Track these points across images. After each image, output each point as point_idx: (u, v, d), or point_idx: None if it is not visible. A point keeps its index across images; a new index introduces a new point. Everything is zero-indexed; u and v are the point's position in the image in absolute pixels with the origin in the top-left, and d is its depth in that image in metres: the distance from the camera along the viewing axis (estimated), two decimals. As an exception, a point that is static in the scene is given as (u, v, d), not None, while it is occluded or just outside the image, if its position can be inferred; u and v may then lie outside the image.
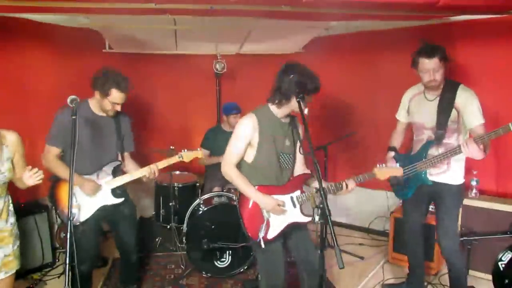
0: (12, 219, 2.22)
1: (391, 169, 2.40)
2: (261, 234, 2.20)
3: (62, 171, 2.52)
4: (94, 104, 2.64)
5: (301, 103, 2.09)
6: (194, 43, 4.42)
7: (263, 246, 2.20)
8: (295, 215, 2.29)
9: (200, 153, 2.89)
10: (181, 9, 2.75)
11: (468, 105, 2.48)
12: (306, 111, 2.29)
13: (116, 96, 2.53)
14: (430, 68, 2.47)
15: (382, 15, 3.03)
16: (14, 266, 2.19)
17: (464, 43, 3.43)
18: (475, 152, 2.30)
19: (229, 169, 2.25)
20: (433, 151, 2.64)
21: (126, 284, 3.08)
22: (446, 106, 2.56)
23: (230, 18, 3.22)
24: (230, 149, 2.26)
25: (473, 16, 3.16)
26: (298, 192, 2.31)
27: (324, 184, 2.25)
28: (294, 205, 2.30)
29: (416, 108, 2.76)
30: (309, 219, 2.28)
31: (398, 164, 2.67)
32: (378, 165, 2.36)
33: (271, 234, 2.24)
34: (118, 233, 2.90)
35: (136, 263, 3.04)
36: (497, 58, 3.28)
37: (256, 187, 2.24)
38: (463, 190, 2.76)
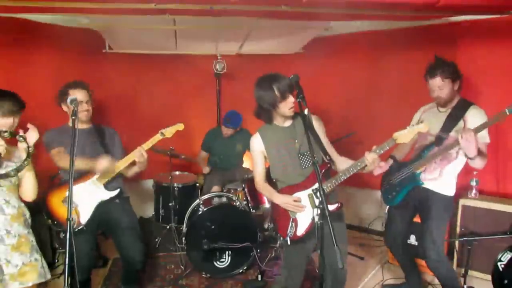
0: (29, 230, 2.26)
1: (414, 128, 2.18)
2: (289, 232, 2.32)
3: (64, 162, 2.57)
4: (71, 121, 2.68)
5: (302, 103, 2.10)
6: (194, 43, 4.42)
7: (289, 243, 2.33)
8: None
9: (181, 126, 2.85)
10: (181, 9, 2.75)
11: (476, 122, 2.44)
12: (306, 111, 2.30)
13: (75, 94, 2.57)
14: (434, 86, 2.57)
15: (382, 15, 3.03)
16: (31, 279, 2.14)
17: (464, 43, 3.43)
18: (471, 142, 2.26)
19: (257, 185, 2.47)
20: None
21: (127, 285, 3.08)
22: (455, 116, 2.60)
23: (230, 18, 3.22)
24: (254, 169, 2.49)
25: (473, 16, 3.16)
26: (317, 184, 2.27)
27: (346, 164, 2.28)
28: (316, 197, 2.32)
29: (427, 117, 2.77)
30: (335, 206, 2.28)
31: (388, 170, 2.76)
32: (396, 132, 2.21)
33: (300, 231, 2.32)
34: (121, 246, 2.83)
35: (140, 269, 3.02)
36: (497, 58, 3.28)
37: (280, 189, 2.40)
38: (451, 203, 2.72)
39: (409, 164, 2.76)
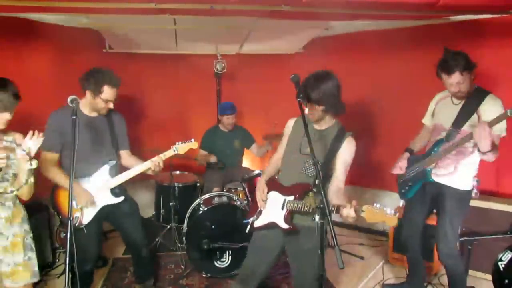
0: (26, 227, 2.20)
1: (383, 213, 1.83)
2: (252, 219, 2.41)
3: (60, 179, 2.50)
4: (85, 105, 2.62)
5: (302, 103, 2.10)
6: (194, 43, 4.42)
7: (248, 229, 2.44)
8: (277, 217, 2.28)
9: (195, 144, 2.86)
10: (181, 9, 2.75)
11: (492, 114, 2.30)
12: (306, 111, 2.30)
13: (108, 92, 2.53)
14: (453, 82, 2.43)
15: (382, 15, 3.03)
16: (23, 278, 2.12)
17: (464, 43, 3.42)
18: (485, 137, 2.19)
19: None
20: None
21: (142, 280, 3.09)
22: (468, 109, 2.51)
23: (230, 18, 3.22)
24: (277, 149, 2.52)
25: (473, 16, 3.16)
26: (291, 197, 2.25)
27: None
28: (282, 208, 2.28)
29: (440, 109, 2.73)
30: (287, 227, 2.22)
31: (406, 165, 2.76)
32: (369, 208, 1.87)
33: (257, 224, 2.40)
34: (124, 231, 2.91)
35: (149, 257, 3.06)
36: (497, 58, 3.28)
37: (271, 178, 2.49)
38: (468, 197, 2.69)
39: (421, 159, 2.73)
